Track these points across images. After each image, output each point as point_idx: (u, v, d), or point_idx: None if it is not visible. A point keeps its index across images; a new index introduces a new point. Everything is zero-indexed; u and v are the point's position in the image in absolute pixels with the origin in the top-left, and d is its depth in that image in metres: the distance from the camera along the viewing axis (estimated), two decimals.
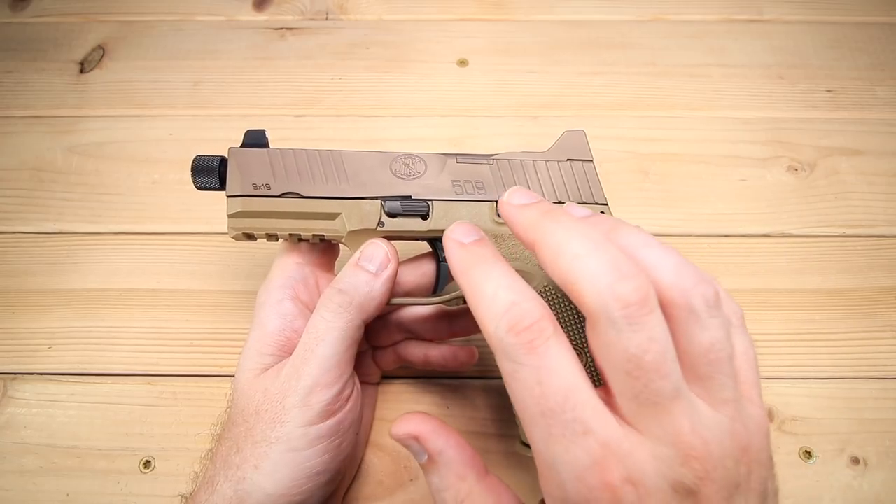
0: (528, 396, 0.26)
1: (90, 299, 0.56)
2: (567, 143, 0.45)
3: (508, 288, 0.27)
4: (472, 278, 0.29)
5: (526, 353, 0.26)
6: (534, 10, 0.75)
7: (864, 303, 0.55)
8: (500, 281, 0.28)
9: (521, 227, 0.30)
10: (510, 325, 0.26)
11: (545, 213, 0.29)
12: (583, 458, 0.25)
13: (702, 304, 0.26)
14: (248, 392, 0.39)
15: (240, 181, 0.42)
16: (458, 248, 0.31)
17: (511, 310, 0.26)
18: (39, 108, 0.68)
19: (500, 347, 0.26)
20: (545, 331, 0.26)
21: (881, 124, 0.66)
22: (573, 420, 0.25)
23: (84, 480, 0.48)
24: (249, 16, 0.75)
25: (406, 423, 0.31)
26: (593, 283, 0.25)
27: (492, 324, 0.27)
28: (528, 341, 0.26)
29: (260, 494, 0.36)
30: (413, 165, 0.43)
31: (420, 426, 0.31)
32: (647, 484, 0.24)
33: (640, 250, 0.27)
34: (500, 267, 0.29)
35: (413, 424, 0.31)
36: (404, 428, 0.31)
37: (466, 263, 0.30)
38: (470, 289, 0.29)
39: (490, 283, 0.28)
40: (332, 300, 0.38)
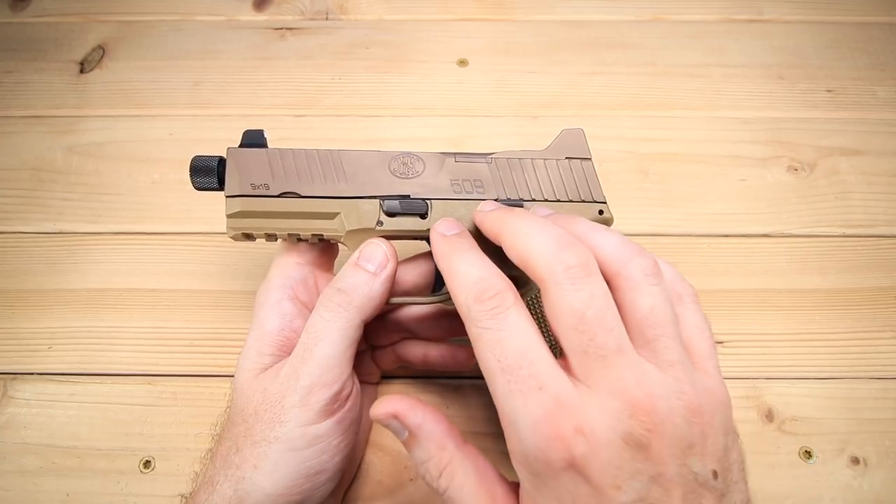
0: (490, 355, 0.29)
1: (90, 299, 0.56)
2: (565, 142, 0.45)
3: (477, 266, 0.32)
4: (450, 262, 0.34)
5: (489, 318, 0.30)
6: (534, 10, 0.75)
7: (864, 303, 0.55)
8: (471, 262, 0.33)
9: (489, 224, 0.36)
10: (476, 295, 0.31)
11: (507, 210, 0.36)
12: (537, 410, 0.27)
13: (639, 272, 0.31)
14: (248, 392, 0.39)
15: (238, 181, 0.42)
16: (440, 238, 0.36)
17: (478, 283, 0.31)
18: (39, 108, 0.68)
19: (469, 316, 0.31)
20: (506, 299, 0.30)
21: (881, 124, 0.66)
22: (529, 376, 0.28)
23: (84, 480, 0.48)
24: (249, 16, 0.75)
25: (384, 403, 0.33)
26: (541, 254, 0.30)
27: (461, 295, 0.32)
28: (490, 308, 0.30)
29: (259, 494, 0.36)
30: (412, 165, 0.43)
31: (398, 404, 0.33)
32: (597, 435, 0.27)
33: (587, 233, 0.32)
34: (473, 252, 0.34)
35: (391, 404, 0.33)
36: (383, 408, 0.33)
37: (446, 250, 0.35)
38: (448, 271, 0.34)
39: (463, 264, 0.33)
40: (331, 300, 0.38)
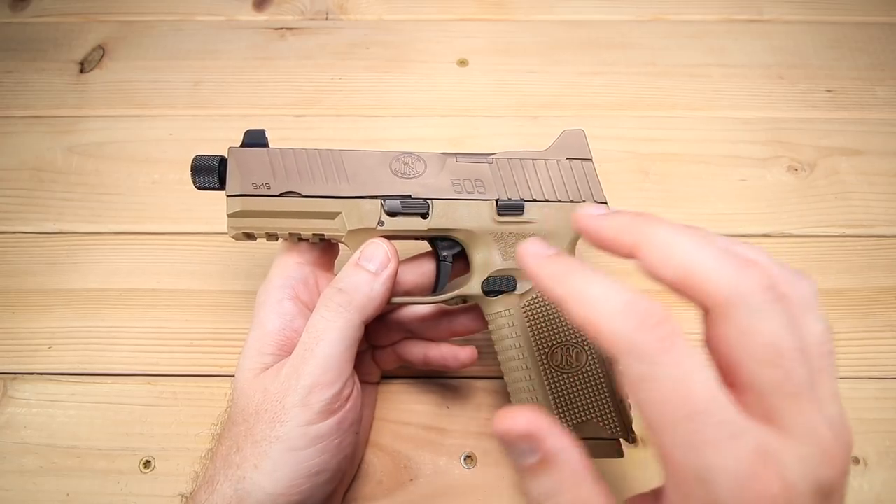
0: (669, 399, 0.23)
1: (90, 299, 0.56)
2: (566, 143, 0.45)
3: (615, 288, 0.26)
4: (570, 285, 0.27)
5: (662, 352, 0.23)
6: (534, 10, 0.75)
7: (864, 303, 0.55)
8: (603, 283, 0.26)
9: (616, 231, 0.28)
10: (639, 322, 0.24)
11: (637, 216, 0.28)
12: (739, 464, 0.23)
13: (810, 295, 0.26)
14: (248, 391, 0.39)
15: (239, 181, 0.42)
16: (542, 261, 0.29)
17: (632, 307, 0.24)
18: (39, 108, 0.68)
19: (629, 349, 0.24)
20: (674, 325, 0.24)
21: (881, 124, 0.66)
22: (722, 422, 0.23)
23: (84, 480, 0.48)
24: (249, 16, 0.75)
25: (515, 417, 0.27)
26: (721, 274, 0.25)
27: (612, 323, 0.24)
28: (661, 338, 0.24)
29: (260, 494, 0.36)
30: (413, 164, 0.43)
31: (535, 421, 0.27)
32: (797, 488, 0.23)
33: (733, 246, 0.27)
34: (597, 272, 0.27)
35: (525, 418, 0.27)
36: (515, 424, 0.27)
37: (559, 272, 0.28)
38: (570, 296, 0.26)
39: (594, 287, 0.26)
40: (331, 299, 0.38)
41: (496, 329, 0.43)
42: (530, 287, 0.42)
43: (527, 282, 0.42)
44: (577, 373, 0.41)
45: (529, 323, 0.42)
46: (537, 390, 0.41)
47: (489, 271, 0.43)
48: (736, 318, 0.24)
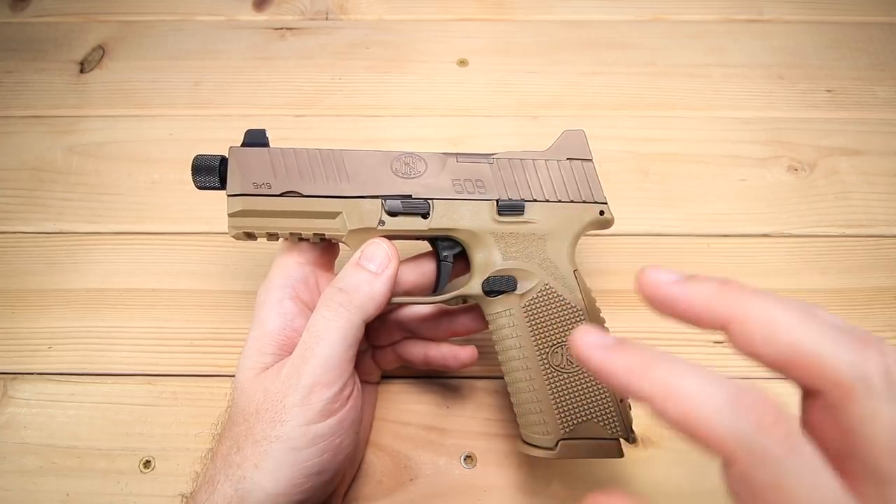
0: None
1: (90, 299, 0.56)
2: (566, 143, 0.45)
3: (714, 380, 0.22)
4: (656, 380, 0.23)
5: (789, 455, 0.21)
6: (534, 10, 0.75)
7: (864, 303, 0.55)
8: (696, 373, 0.23)
9: (703, 301, 0.25)
10: (756, 420, 0.21)
11: (722, 285, 0.25)
12: None
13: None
14: (249, 391, 0.39)
15: (240, 180, 0.42)
16: (612, 353, 0.25)
17: (742, 401, 0.22)
18: (39, 108, 0.68)
19: (748, 451, 0.21)
20: (795, 423, 0.21)
21: (881, 124, 0.66)
22: None
23: (84, 480, 0.48)
24: (249, 16, 0.75)
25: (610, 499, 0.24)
26: (840, 356, 0.22)
27: (721, 423, 0.21)
28: (783, 438, 0.21)
29: (260, 493, 0.36)
30: (413, 164, 0.43)
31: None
32: None
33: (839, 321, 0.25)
34: (680, 360, 0.24)
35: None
36: None
37: (638, 364, 0.24)
38: (659, 392, 0.23)
39: (687, 380, 0.23)
40: (332, 299, 0.38)
41: (496, 329, 0.43)
42: (531, 287, 0.42)
43: (527, 281, 0.42)
44: (577, 373, 0.41)
45: (530, 323, 0.42)
46: (538, 390, 0.41)
47: (490, 271, 0.43)
48: (859, 402, 0.22)
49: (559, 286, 0.42)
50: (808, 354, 0.23)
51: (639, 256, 0.58)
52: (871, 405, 0.22)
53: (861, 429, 0.22)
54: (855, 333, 0.24)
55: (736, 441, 0.21)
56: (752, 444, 0.21)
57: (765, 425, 0.21)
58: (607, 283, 0.56)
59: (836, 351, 0.22)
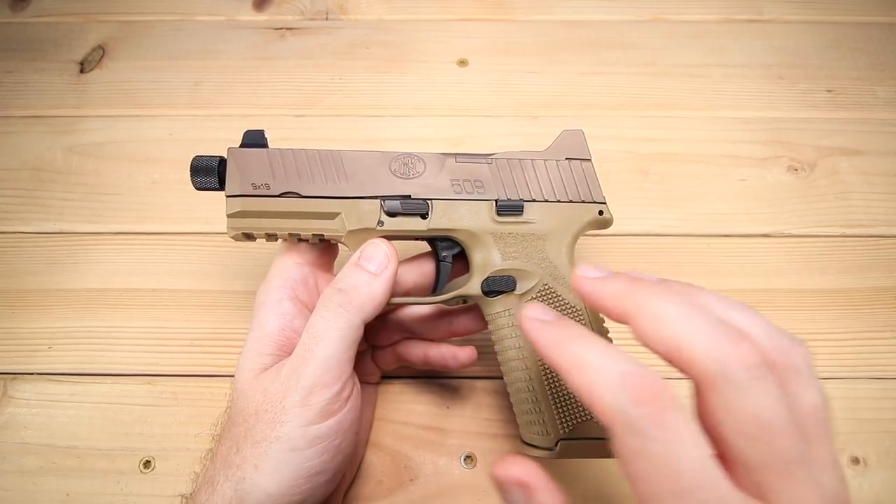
0: (659, 474, 0.23)
1: (90, 299, 0.56)
2: (565, 143, 0.45)
3: (615, 357, 0.26)
4: (569, 352, 0.27)
5: (655, 426, 0.23)
6: (534, 10, 0.75)
7: (864, 303, 0.55)
8: (601, 351, 0.26)
9: (611, 298, 0.29)
10: (634, 396, 0.24)
11: (632, 283, 0.28)
12: None
13: (803, 364, 0.26)
14: (248, 392, 0.39)
15: (239, 181, 0.42)
16: (544, 325, 0.29)
17: (628, 379, 0.24)
18: (39, 108, 0.68)
19: (623, 421, 0.24)
20: (667, 401, 0.24)
21: (881, 124, 0.66)
22: (708, 500, 0.23)
23: (84, 480, 0.48)
24: (249, 16, 0.75)
25: (515, 466, 0.28)
26: (708, 350, 0.25)
27: (609, 395, 0.24)
28: (655, 412, 0.24)
29: (260, 494, 0.36)
30: (412, 165, 0.43)
31: (531, 474, 0.28)
32: None
33: (727, 313, 0.27)
34: (596, 338, 0.27)
35: (522, 470, 0.28)
36: (513, 472, 0.28)
37: (558, 338, 0.28)
38: (568, 362, 0.27)
39: (593, 354, 0.26)
40: (331, 300, 0.38)
41: (496, 329, 0.43)
42: (530, 287, 0.42)
43: (526, 281, 0.42)
44: None
45: None
46: (537, 390, 0.41)
47: (489, 271, 0.43)
48: (722, 394, 0.25)
49: (558, 286, 0.42)
50: (682, 349, 0.25)
51: (639, 256, 0.58)
52: (732, 397, 0.24)
53: (725, 418, 0.25)
54: (735, 326, 0.26)
55: (615, 412, 0.24)
56: (626, 415, 0.24)
57: (641, 400, 0.24)
58: None
59: (707, 345, 0.25)
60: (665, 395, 0.24)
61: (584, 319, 0.42)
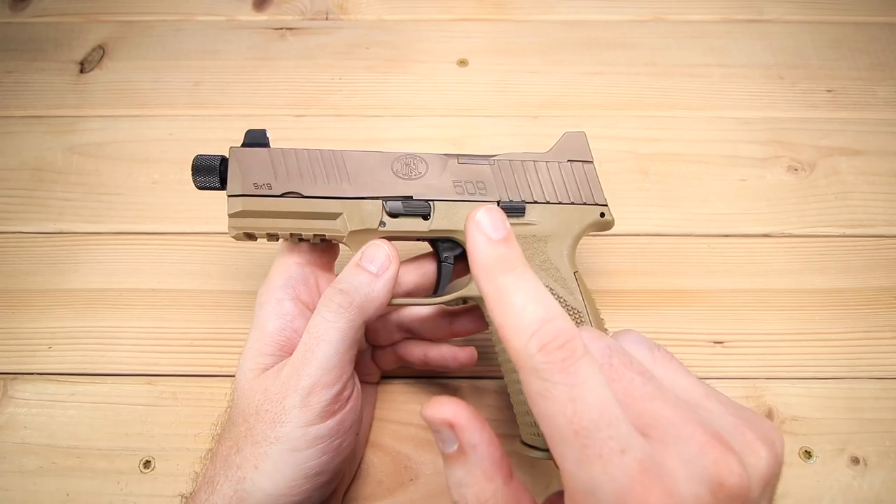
0: (560, 415, 0.24)
1: (90, 299, 0.56)
2: (567, 145, 0.45)
3: (537, 301, 0.26)
4: (498, 285, 0.26)
5: (558, 372, 0.24)
6: (534, 10, 0.75)
7: (864, 303, 0.56)
8: (528, 293, 0.26)
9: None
10: (542, 344, 0.25)
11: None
12: (622, 478, 0.23)
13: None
14: (249, 392, 0.39)
15: (241, 181, 0.42)
16: (485, 243, 0.27)
17: (543, 327, 0.25)
18: (39, 108, 0.68)
19: (530, 365, 0.25)
20: (577, 350, 0.25)
21: (881, 124, 0.66)
22: (609, 438, 0.24)
23: (84, 480, 0.48)
24: (249, 16, 0.75)
25: (442, 406, 0.28)
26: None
27: (520, 339, 0.25)
28: (560, 359, 0.24)
29: (260, 494, 0.36)
30: (414, 166, 0.43)
31: (458, 414, 0.28)
32: (683, 494, 0.24)
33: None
34: (528, 276, 0.27)
35: (450, 410, 0.28)
36: (440, 412, 0.28)
37: (493, 265, 0.27)
38: (495, 295, 0.26)
39: (519, 295, 0.26)
40: (332, 300, 0.38)
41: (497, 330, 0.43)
42: None
43: None
44: None
45: None
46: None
47: None
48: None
49: (560, 288, 0.42)
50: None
51: (639, 256, 0.58)
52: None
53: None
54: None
55: (524, 357, 0.25)
56: (533, 360, 0.25)
57: (548, 349, 0.24)
58: (607, 283, 0.56)
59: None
60: (573, 345, 0.25)
61: (585, 322, 0.42)
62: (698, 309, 0.55)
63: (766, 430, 0.27)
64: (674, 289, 0.56)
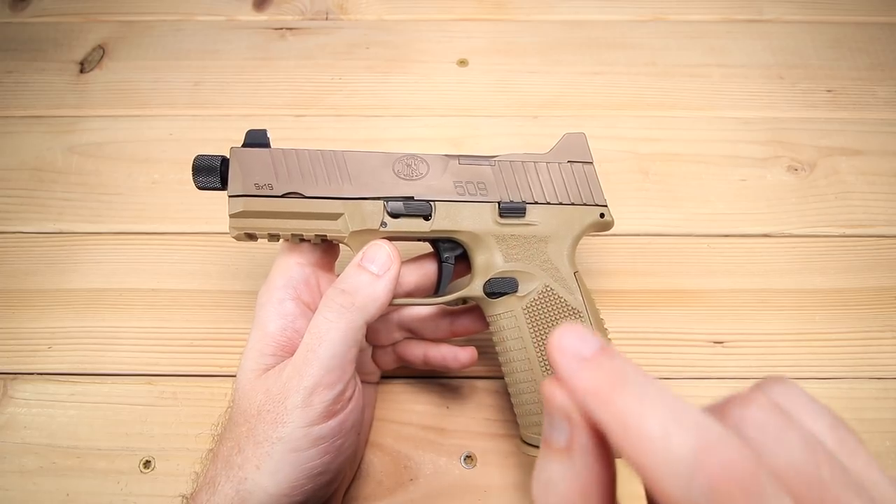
0: None
1: (90, 299, 0.56)
2: (567, 145, 0.45)
3: (685, 423, 0.18)
4: (617, 408, 0.20)
5: None
6: (534, 10, 0.75)
7: (864, 303, 0.56)
8: (667, 410, 0.19)
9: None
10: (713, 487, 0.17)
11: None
12: None
13: None
14: (250, 392, 0.39)
15: (241, 181, 0.42)
16: (583, 366, 0.21)
17: (705, 460, 0.18)
18: (39, 108, 0.68)
19: None
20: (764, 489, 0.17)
21: (881, 124, 0.66)
22: None
23: (84, 480, 0.48)
24: (249, 16, 0.75)
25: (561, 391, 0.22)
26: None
27: (673, 482, 0.18)
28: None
29: (262, 494, 0.36)
30: (415, 166, 0.43)
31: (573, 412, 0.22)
32: None
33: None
34: (656, 388, 0.20)
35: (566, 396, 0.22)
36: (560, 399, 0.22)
37: (603, 386, 0.20)
38: (617, 423, 0.20)
39: (653, 418, 0.19)
40: (334, 300, 0.38)
41: (497, 330, 0.43)
42: (532, 289, 0.42)
43: (528, 283, 0.42)
44: None
45: (531, 324, 0.42)
46: (538, 391, 0.41)
47: (491, 273, 0.43)
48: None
49: (560, 288, 0.42)
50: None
51: (639, 256, 0.58)
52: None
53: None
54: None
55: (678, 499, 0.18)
56: None
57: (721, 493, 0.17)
58: (607, 283, 0.56)
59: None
60: (758, 478, 0.17)
61: (585, 322, 0.42)
62: (698, 309, 0.55)
63: None
64: (674, 289, 0.56)
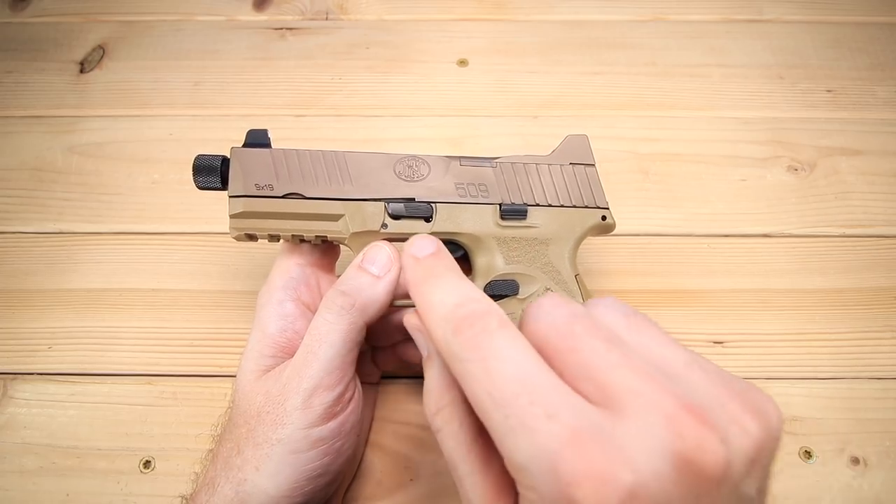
0: (480, 391, 0.23)
1: (90, 299, 0.56)
2: (570, 147, 0.45)
3: (453, 291, 0.27)
4: (422, 292, 0.28)
5: (471, 349, 0.24)
6: (534, 10, 0.75)
7: (864, 303, 0.56)
8: (447, 288, 0.27)
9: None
10: (455, 327, 0.25)
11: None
12: (551, 444, 0.21)
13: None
14: (250, 393, 0.39)
15: (242, 181, 0.42)
16: (412, 263, 0.30)
17: (454, 311, 0.25)
18: (39, 108, 0.68)
19: (449, 353, 0.25)
20: (489, 322, 0.24)
21: (881, 124, 0.66)
22: (530, 404, 0.22)
23: (84, 480, 0.48)
24: (249, 16, 0.75)
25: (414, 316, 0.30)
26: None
27: (438, 330, 0.26)
28: (471, 337, 0.24)
29: (261, 496, 0.36)
30: (417, 167, 0.43)
31: None
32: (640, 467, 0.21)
33: None
34: (449, 275, 0.28)
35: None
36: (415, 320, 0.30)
37: (418, 278, 0.29)
38: (420, 303, 0.28)
39: (437, 293, 0.27)
40: (334, 302, 0.38)
41: None
42: (533, 291, 0.42)
43: (529, 286, 0.42)
44: None
45: None
46: None
47: (492, 275, 0.43)
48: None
49: (561, 291, 0.42)
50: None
51: (639, 256, 0.58)
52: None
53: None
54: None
55: (441, 344, 0.25)
56: (449, 345, 0.25)
57: (460, 328, 0.25)
58: (607, 283, 0.56)
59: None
60: (487, 319, 0.25)
61: None
62: (698, 309, 0.55)
63: (757, 401, 0.24)
64: (674, 289, 0.56)
